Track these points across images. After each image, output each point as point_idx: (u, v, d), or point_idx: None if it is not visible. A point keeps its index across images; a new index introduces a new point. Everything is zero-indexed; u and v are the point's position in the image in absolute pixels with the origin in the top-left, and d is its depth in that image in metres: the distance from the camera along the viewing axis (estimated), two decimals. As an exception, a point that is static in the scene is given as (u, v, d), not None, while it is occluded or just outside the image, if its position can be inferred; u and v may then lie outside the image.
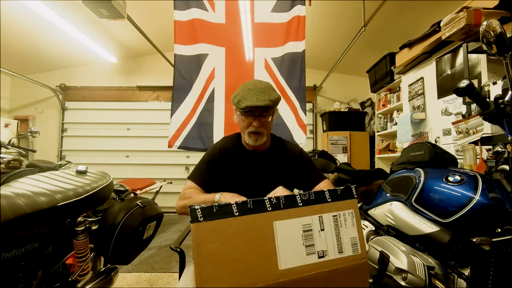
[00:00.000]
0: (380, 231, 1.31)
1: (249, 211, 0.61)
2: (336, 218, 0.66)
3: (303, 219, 0.64)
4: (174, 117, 2.41)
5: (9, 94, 4.94)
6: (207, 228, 0.57)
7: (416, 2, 2.97)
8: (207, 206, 0.58)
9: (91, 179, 1.22)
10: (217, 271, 0.56)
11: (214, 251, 0.57)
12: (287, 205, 0.63)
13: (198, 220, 0.57)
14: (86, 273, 1.25)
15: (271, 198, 0.63)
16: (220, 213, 0.59)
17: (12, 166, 1.91)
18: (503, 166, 1.00)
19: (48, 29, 3.62)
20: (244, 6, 2.47)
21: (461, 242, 0.97)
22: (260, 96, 1.15)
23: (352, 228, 0.67)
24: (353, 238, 0.67)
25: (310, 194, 0.66)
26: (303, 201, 0.65)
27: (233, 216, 0.59)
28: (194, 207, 0.57)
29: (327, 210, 0.66)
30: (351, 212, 0.68)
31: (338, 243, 0.65)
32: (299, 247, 0.62)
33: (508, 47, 0.90)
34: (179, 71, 2.45)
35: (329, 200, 0.67)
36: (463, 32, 1.88)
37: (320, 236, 0.64)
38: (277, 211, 0.62)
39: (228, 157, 1.26)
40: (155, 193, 3.37)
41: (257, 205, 0.62)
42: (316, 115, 5.11)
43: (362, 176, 1.59)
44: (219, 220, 0.58)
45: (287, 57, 2.48)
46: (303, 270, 0.61)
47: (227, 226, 0.59)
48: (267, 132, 1.24)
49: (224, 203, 0.60)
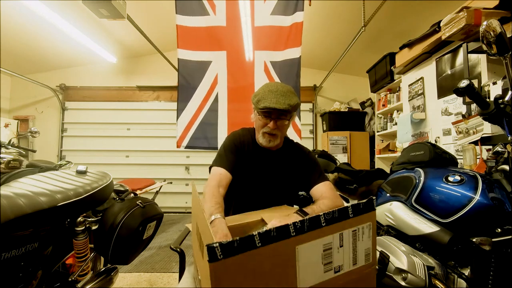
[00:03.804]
0: (380, 231, 1.31)
1: (272, 240, 0.56)
2: (355, 233, 0.65)
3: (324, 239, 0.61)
4: (180, 119, 2.51)
5: (9, 94, 4.94)
6: (228, 266, 0.53)
7: (416, 2, 2.97)
8: (226, 242, 0.53)
9: (91, 179, 1.22)
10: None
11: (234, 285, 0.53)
12: (310, 227, 0.60)
13: (218, 258, 0.52)
14: (86, 273, 1.25)
15: (296, 222, 0.59)
16: (241, 248, 0.54)
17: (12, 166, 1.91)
18: (503, 166, 1.00)
19: (48, 29, 3.62)
20: (244, 8, 2.49)
21: (461, 242, 0.97)
22: (280, 99, 1.15)
23: (368, 240, 0.66)
24: (367, 249, 0.66)
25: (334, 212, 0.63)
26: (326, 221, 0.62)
27: (255, 248, 0.55)
28: (213, 245, 0.51)
29: (348, 226, 0.64)
30: (369, 224, 0.67)
31: (353, 256, 0.64)
32: (318, 266, 0.61)
33: (508, 47, 0.90)
34: (183, 75, 2.52)
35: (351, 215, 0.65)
36: (463, 32, 1.88)
37: (339, 252, 0.63)
38: (301, 236, 0.59)
39: (246, 149, 1.27)
40: (155, 193, 3.37)
41: (281, 232, 0.57)
42: (316, 115, 5.11)
43: (362, 176, 1.59)
44: (240, 255, 0.53)
45: (285, 63, 2.53)
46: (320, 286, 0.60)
47: (249, 261, 0.54)
48: (281, 135, 1.24)
49: (246, 235, 0.55)
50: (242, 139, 1.28)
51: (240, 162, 1.23)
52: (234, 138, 1.28)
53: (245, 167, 1.24)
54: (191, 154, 5.00)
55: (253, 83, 2.52)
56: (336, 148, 4.42)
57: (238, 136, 1.30)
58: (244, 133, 1.32)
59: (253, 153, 1.27)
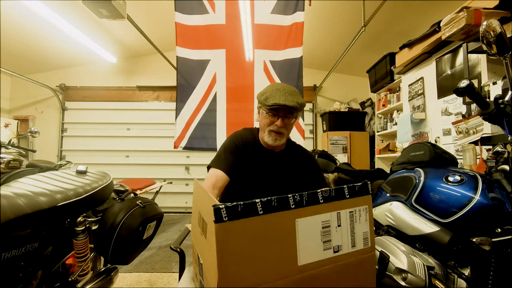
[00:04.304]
0: (380, 231, 1.31)
1: (273, 209, 0.60)
2: (352, 214, 0.68)
3: (322, 216, 0.64)
4: (179, 119, 2.46)
5: (9, 94, 4.94)
6: (232, 227, 0.57)
7: (416, 2, 2.97)
8: (231, 205, 0.58)
9: (91, 179, 1.22)
10: (240, 270, 0.56)
11: (238, 250, 0.57)
12: (309, 202, 0.64)
13: (223, 220, 0.56)
14: (86, 273, 1.25)
15: (295, 195, 0.63)
16: (245, 212, 0.58)
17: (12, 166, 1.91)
18: (503, 166, 1.00)
19: (48, 29, 3.62)
20: (244, 6, 2.48)
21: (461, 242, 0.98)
22: (288, 97, 1.17)
23: (365, 223, 0.69)
24: (365, 232, 0.68)
25: (331, 191, 0.66)
26: (324, 198, 0.65)
27: (258, 214, 0.59)
28: (218, 206, 0.56)
29: (345, 206, 0.67)
30: (365, 208, 0.69)
31: (352, 237, 0.67)
32: (317, 243, 0.63)
33: (508, 47, 0.90)
34: (181, 73, 2.49)
35: (347, 196, 0.68)
36: (463, 32, 1.88)
37: (337, 231, 0.65)
38: (300, 209, 0.63)
39: (248, 149, 1.26)
40: (155, 193, 3.37)
41: (281, 203, 0.61)
42: (316, 115, 5.12)
43: (362, 176, 1.59)
44: (244, 220, 0.58)
45: (285, 63, 2.51)
46: (320, 264, 0.63)
47: (252, 225, 0.58)
48: (287, 134, 1.25)
49: (250, 201, 0.59)
50: (244, 139, 1.28)
51: (241, 162, 1.23)
52: (236, 139, 1.28)
53: (246, 167, 1.24)
54: (191, 154, 5.00)
55: (253, 83, 2.51)
56: (336, 148, 4.42)
57: (239, 137, 1.29)
58: (246, 133, 1.32)
59: (255, 154, 1.27)
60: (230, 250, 0.56)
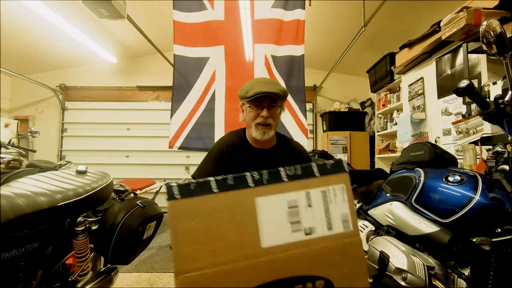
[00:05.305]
0: (380, 231, 1.31)
1: (230, 188, 0.58)
2: (325, 193, 0.61)
3: (288, 195, 0.59)
4: (174, 118, 2.41)
5: (9, 94, 4.94)
6: (185, 205, 0.55)
7: (416, 2, 2.97)
8: (184, 183, 0.56)
9: (91, 179, 1.22)
10: (195, 250, 0.54)
11: (192, 229, 0.54)
12: (271, 181, 0.59)
13: (175, 197, 0.55)
14: (86, 273, 1.25)
15: (253, 173, 0.59)
16: (199, 190, 0.56)
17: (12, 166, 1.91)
18: (503, 166, 1.00)
19: (48, 29, 3.62)
20: (244, 3, 2.45)
21: (461, 242, 0.97)
22: (269, 85, 1.15)
23: (343, 203, 0.62)
24: (344, 214, 0.61)
25: (297, 169, 0.61)
26: (288, 176, 0.60)
27: (213, 193, 0.57)
28: (171, 184, 0.55)
29: (315, 185, 0.61)
30: (341, 187, 0.62)
31: (327, 219, 0.60)
32: (283, 224, 0.58)
33: (508, 47, 0.90)
34: (179, 71, 2.44)
35: (317, 175, 0.62)
36: (463, 32, 1.88)
37: (307, 212, 0.60)
38: (260, 187, 0.59)
39: (235, 154, 1.24)
40: (155, 193, 3.37)
41: (238, 181, 0.58)
42: (316, 115, 5.11)
43: (362, 176, 1.58)
44: (197, 197, 0.56)
45: (286, 59, 2.47)
46: (289, 247, 0.57)
47: (206, 203, 0.56)
48: (275, 126, 1.22)
49: (203, 180, 0.57)
50: (229, 144, 1.26)
51: (228, 167, 1.22)
52: (219, 146, 1.27)
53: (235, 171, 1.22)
54: (191, 154, 4.99)
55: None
56: (336, 148, 4.41)
57: (223, 143, 1.27)
58: (230, 137, 1.30)
59: (243, 155, 1.24)
60: (184, 228, 0.54)
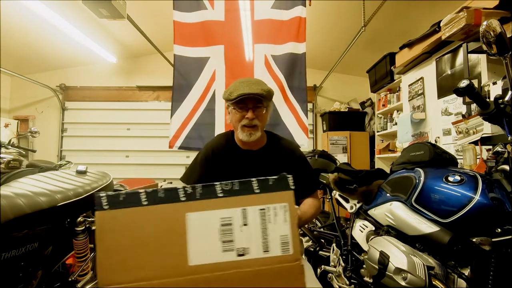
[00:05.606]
0: (380, 231, 1.31)
1: (160, 201, 0.55)
2: (264, 212, 0.58)
3: (222, 212, 0.56)
4: (174, 117, 2.41)
5: (9, 94, 4.93)
6: (112, 217, 0.53)
7: (416, 2, 2.97)
8: (114, 193, 0.54)
9: (91, 179, 1.22)
10: (120, 263, 0.52)
11: (118, 241, 0.53)
12: (204, 195, 0.57)
13: (103, 208, 0.53)
14: (86, 273, 1.24)
15: (186, 187, 0.57)
16: (127, 202, 0.54)
17: (12, 166, 1.91)
18: (503, 166, 1.00)
19: (48, 29, 3.61)
20: (244, 4, 2.45)
21: (461, 242, 0.98)
22: (252, 86, 1.12)
23: (283, 224, 0.58)
24: (284, 236, 0.57)
25: (234, 184, 0.58)
26: (224, 192, 0.57)
27: (141, 205, 0.55)
28: (100, 194, 0.54)
29: (253, 202, 0.58)
30: (284, 206, 0.59)
31: (264, 240, 0.57)
32: (214, 242, 0.55)
33: (508, 47, 0.90)
34: (179, 71, 2.45)
35: (257, 191, 0.58)
36: (463, 32, 1.87)
37: (242, 231, 0.56)
38: (192, 202, 0.56)
39: (221, 157, 1.22)
40: (155, 193, 3.37)
41: (170, 194, 0.56)
42: (316, 115, 5.11)
43: (362, 176, 1.58)
44: (125, 209, 0.54)
45: (287, 57, 2.46)
46: (218, 268, 0.54)
47: (135, 216, 0.54)
48: (262, 126, 1.19)
49: (132, 190, 0.56)
50: (216, 148, 1.25)
51: (217, 170, 1.21)
52: (206, 150, 1.26)
53: (223, 174, 1.19)
54: (191, 154, 4.98)
55: None
56: (336, 148, 4.41)
57: (210, 147, 1.26)
58: (218, 140, 1.29)
59: (232, 157, 1.22)
60: (109, 241, 0.53)
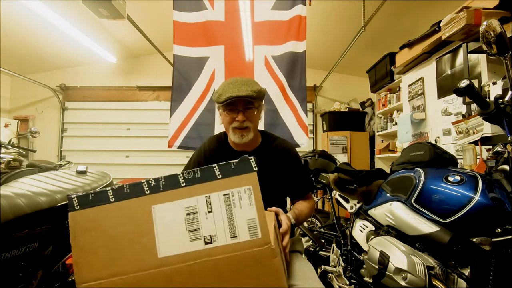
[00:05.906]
0: (380, 231, 1.31)
1: (126, 196, 0.57)
2: (228, 197, 0.57)
3: (186, 201, 0.57)
4: (174, 117, 2.42)
5: (9, 94, 4.93)
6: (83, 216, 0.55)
7: (416, 2, 2.97)
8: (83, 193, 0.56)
9: (91, 179, 1.22)
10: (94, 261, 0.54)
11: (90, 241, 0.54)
12: (167, 187, 0.57)
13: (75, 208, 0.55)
14: (86, 273, 1.24)
15: (150, 180, 0.58)
16: (96, 200, 0.56)
17: (12, 166, 1.91)
18: (503, 166, 1.00)
19: (48, 29, 3.61)
20: (244, 5, 2.46)
21: (461, 242, 0.97)
22: (241, 87, 1.09)
23: (249, 208, 0.57)
24: (251, 220, 0.56)
25: (196, 172, 0.58)
26: (186, 181, 0.58)
27: (109, 202, 0.56)
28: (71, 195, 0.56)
29: (216, 188, 0.58)
30: (248, 188, 0.58)
31: (230, 226, 0.56)
32: (181, 232, 0.56)
33: (508, 47, 0.90)
34: (178, 71, 2.45)
35: (219, 177, 0.58)
36: (463, 32, 1.87)
37: (208, 219, 0.56)
38: (156, 194, 0.57)
39: (214, 159, 1.19)
40: (155, 193, 3.38)
41: (134, 189, 0.57)
42: (316, 115, 5.11)
43: (362, 176, 1.58)
44: (95, 208, 0.56)
45: (287, 56, 2.46)
46: (187, 258, 0.55)
47: (103, 214, 0.56)
48: (254, 127, 1.17)
49: (100, 189, 0.57)
50: (208, 150, 1.24)
51: None
52: (198, 153, 1.26)
53: None
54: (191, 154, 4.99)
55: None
56: (336, 148, 4.41)
57: (200, 150, 1.25)
58: (210, 142, 1.28)
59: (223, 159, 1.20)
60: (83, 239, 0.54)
